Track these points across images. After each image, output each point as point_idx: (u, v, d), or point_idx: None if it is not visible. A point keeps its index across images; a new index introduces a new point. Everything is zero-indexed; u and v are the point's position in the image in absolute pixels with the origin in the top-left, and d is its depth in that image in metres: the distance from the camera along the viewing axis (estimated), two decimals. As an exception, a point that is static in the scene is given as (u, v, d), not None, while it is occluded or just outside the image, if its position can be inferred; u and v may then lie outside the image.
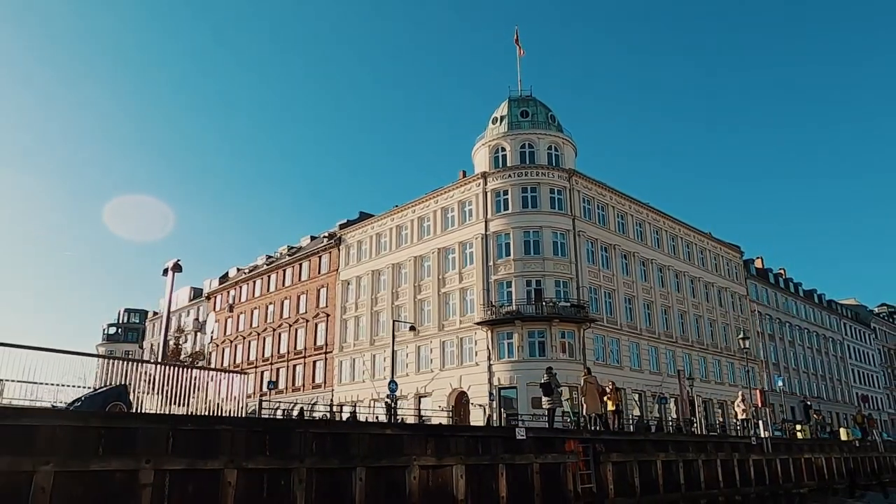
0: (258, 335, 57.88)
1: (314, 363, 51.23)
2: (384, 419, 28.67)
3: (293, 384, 52.01)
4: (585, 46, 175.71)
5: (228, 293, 64.83)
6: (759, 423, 27.34)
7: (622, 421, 23.61)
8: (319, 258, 53.98)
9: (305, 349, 52.15)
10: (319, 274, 53.39)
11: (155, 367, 14.00)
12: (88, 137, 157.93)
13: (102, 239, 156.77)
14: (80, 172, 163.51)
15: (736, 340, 49.00)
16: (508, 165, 41.77)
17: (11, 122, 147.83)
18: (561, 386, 22.43)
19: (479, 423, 34.61)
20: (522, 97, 44.92)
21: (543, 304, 37.58)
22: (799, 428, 34.48)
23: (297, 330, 53.72)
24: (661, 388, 41.16)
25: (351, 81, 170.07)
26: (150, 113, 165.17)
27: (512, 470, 14.90)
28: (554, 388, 19.30)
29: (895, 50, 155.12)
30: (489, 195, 41.36)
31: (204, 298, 69.43)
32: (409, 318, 42.45)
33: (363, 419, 32.59)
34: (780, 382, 50.48)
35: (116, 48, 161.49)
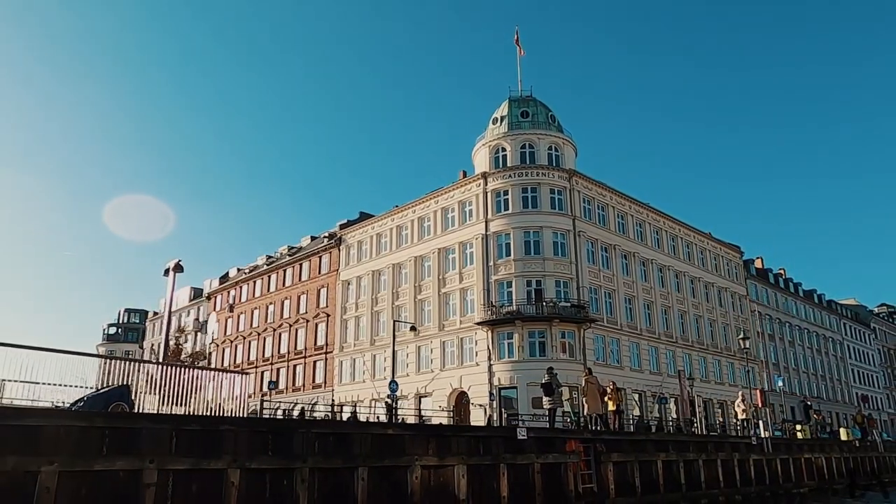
0: (258, 335, 57.92)
1: (314, 363, 51.27)
2: (385, 419, 28.70)
3: (293, 384, 52.06)
4: (585, 46, 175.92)
5: (229, 293, 64.86)
6: (759, 423, 27.40)
7: (622, 421, 23.62)
8: (320, 258, 54.03)
9: (306, 349, 52.19)
10: (320, 274, 53.43)
11: (156, 367, 14.04)
12: (88, 137, 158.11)
13: (102, 239, 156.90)
14: (80, 172, 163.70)
15: (736, 340, 49.06)
16: (509, 165, 41.81)
17: (11, 122, 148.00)
18: (562, 386, 22.48)
19: (479, 423, 34.62)
20: (523, 97, 44.96)
21: (544, 304, 37.63)
22: (799, 428, 34.50)
23: (297, 330, 53.75)
24: (661, 388, 41.21)
25: (351, 81, 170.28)
26: (150, 113, 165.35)
27: (513, 470, 14.94)
28: (555, 388, 19.35)
29: (895, 50, 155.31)
30: (489, 195, 41.40)
31: (204, 298, 69.46)
32: (409, 318, 42.49)
33: (364, 419, 32.64)
34: (780, 382, 50.52)
35: (116, 48, 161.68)
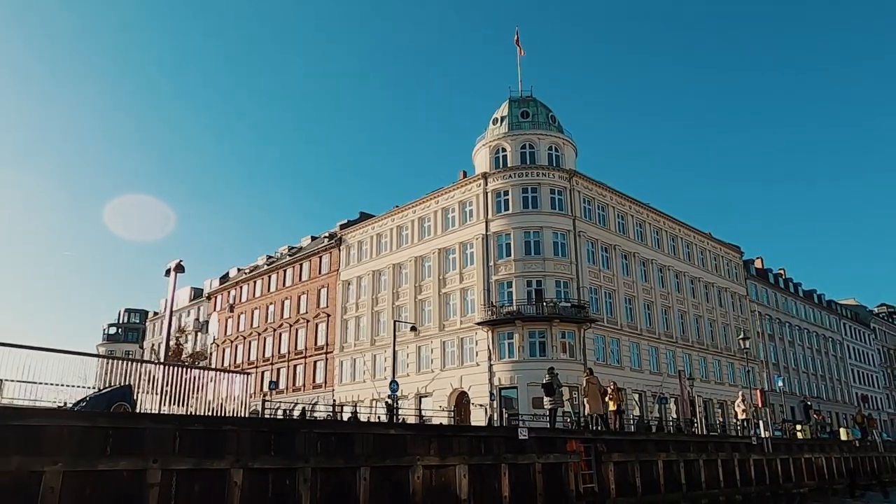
0: (259, 335, 57.94)
1: (315, 363, 51.29)
2: (385, 419, 28.73)
3: (294, 384, 52.08)
4: (586, 47, 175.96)
5: (229, 293, 64.88)
6: (759, 423, 27.45)
7: (623, 421, 23.65)
8: (320, 258, 54.05)
9: (306, 349, 52.21)
10: (320, 274, 53.46)
11: (157, 367, 14.06)
12: (88, 137, 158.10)
13: (102, 239, 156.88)
14: (80, 172, 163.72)
15: (736, 340, 49.11)
16: (509, 166, 41.83)
17: (11, 122, 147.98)
18: (562, 386, 22.51)
19: (479, 423, 34.66)
20: (523, 98, 44.98)
21: (544, 304, 37.66)
22: (799, 428, 34.53)
23: (297, 330, 53.77)
24: (661, 388, 41.24)
25: (351, 81, 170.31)
26: (150, 113, 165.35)
27: (514, 470, 14.98)
28: (556, 388, 19.38)
29: (895, 50, 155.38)
30: (490, 195, 41.43)
31: (204, 298, 69.49)
32: (409, 318, 42.52)
33: (364, 419, 32.68)
34: (780, 382, 50.58)
35: (116, 48, 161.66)
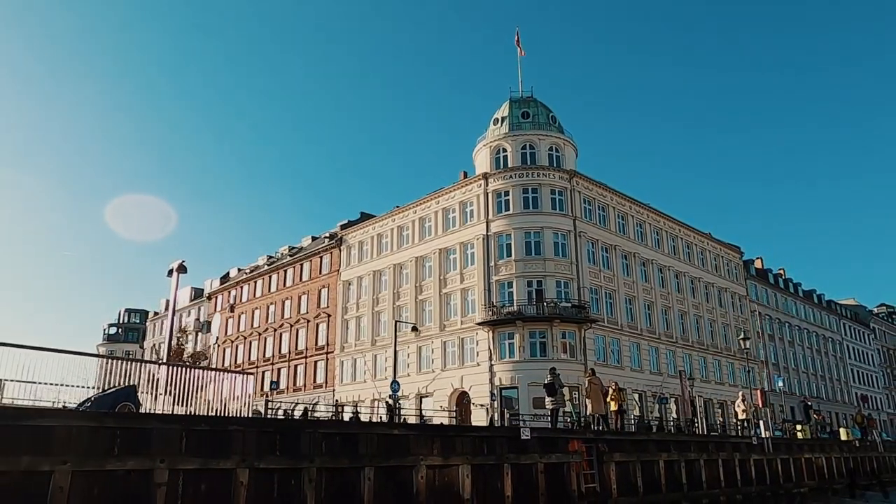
0: (259, 335, 57.99)
1: (315, 363, 51.35)
2: (386, 419, 28.80)
3: (294, 384, 52.13)
4: (586, 47, 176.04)
5: (229, 293, 64.92)
6: (759, 422, 27.53)
7: (624, 421, 23.72)
8: (320, 258, 54.10)
9: (307, 349, 52.27)
10: (320, 274, 53.51)
11: (158, 367, 14.10)
12: (88, 137, 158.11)
13: (103, 239, 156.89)
14: (80, 172, 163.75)
15: (736, 341, 49.19)
16: (509, 166, 41.89)
17: (11, 122, 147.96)
18: (564, 386, 22.58)
19: (480, 423, 34.72)
20: (523, 98, 45.03)
21: (544, 304, 37.73)
22: (799, 428, 34.62)
23: (298, 330, 53.83)
24: (661, 388, 41.31)
25: (351, 82, 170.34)
26: (150, 113, 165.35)
27: (517, 470, 15.05)
28: (557, 388, 19.46)
29: (895, 50, 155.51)
30: (490, 196, 41.49)
31: (205, 298, 69.54)
32: (410, 318, 42.58)
33: (366, 419, 32.73)
34: (780, 382, 50.66)
35: (116, 48, 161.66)
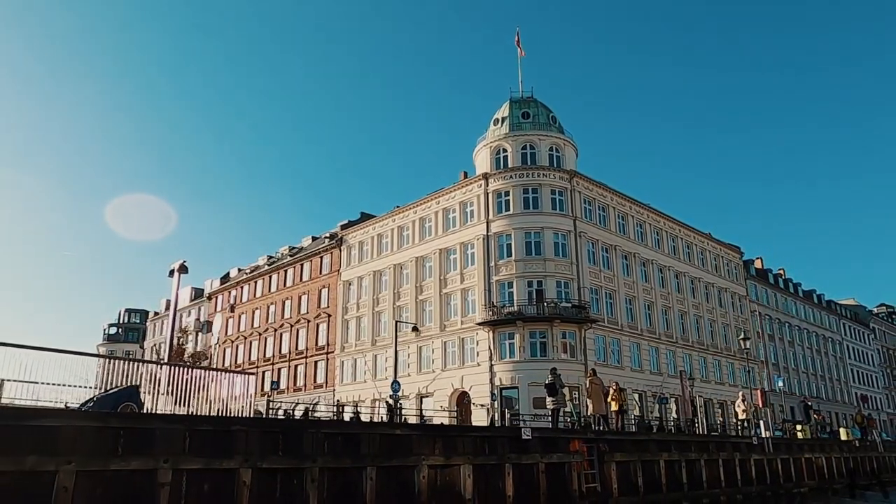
0: (259, 335, 58.02)
1: (316, 363, 51.39)
2: (386, 419, 28.83)
3: (295, 384, 52.17)
4: (586, 47, 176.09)
5: (230, 293, 64.95)
6: (759, 422, 27.58)
7: (625, 421, 23.75)
8: (321, 258, 54.13)
9: (307, 349, 52.31)
10: (321, 274, 53.55)
11: (159, 367, 14.10)
12: (88, 137, 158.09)
13: (103, 239, 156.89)
14: (80, 172, 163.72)
15: (736, 341, 49.25)
16: (510, 166, 41.92)
17: (11, 122, 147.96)
18: (564, 386, 22.63)
19: (480, 423, 34.75)
20: (524, 98, 45.06)
21: (545, 304, 37.76)
22: (799, 428, 34.67)
23: (298, 330, 53.86)
24: (661, 388, 41.35)
25: (351, 82, 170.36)
26: (150, 113, 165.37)
27: (518, 469, 15.09)
28: (558, 388, 19.50)
29: (895, 50, 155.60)
30: (490, 196, 41.52)
31: (205, 299, 69.56)
32: (410, 318, 42.60)
33: (366, 419, 32.78)
34: (780, 382, 50.69)
35: (116, 48, 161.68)
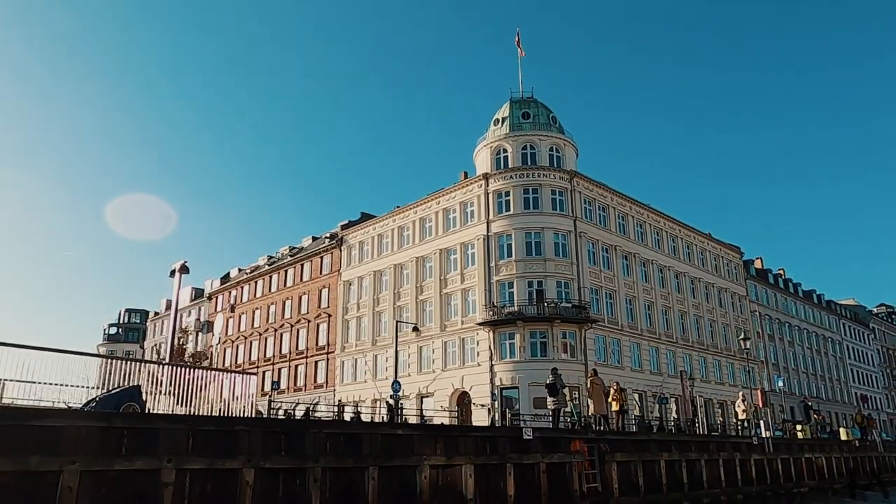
0: (259, 335, 58.04)
1: (316, 363, 51.42)
2: (387, 419, 28.85)
3: (295, 384, 52.21)
4: (586, 47, 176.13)
5: (230, 293, 64.98)
6: (759, 422, 27.62)
7: (626, 421, 23.79)
8: (321, 259, 54.16)
9: (307, 349, 52.34)
10: (321, 274, 53.58)
11: (160, 367, 14.12)
12: (88, 137, 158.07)
13: (103, 238, 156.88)
14: (80, 172, 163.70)
15: (736, 340, 49.30)
16: (510, 167, 41.96)
17: (11, 122, 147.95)
18: (565, 386, 22.67)
19: (480, 423, 34.78)
20: (524, 98, 45.09)
21: (545, 304, 37.79)
22: (799, 428, 34.73)
23: (298, 330, 53.89)
24: (661, 388, 41.39)
25: (351, 82, 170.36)
26: (150, 113, 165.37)
27: (519, 469, 15.13)
28: (559, 388, 19.53)
29: (895, 50, 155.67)
30: (491, 196, 41.55)
31: (205, 299, 69.58)
32: (411, 318, 42.63)
33: (367, 419, 32.81)
34: (780, 382, 50.73)
35: (116, 48, 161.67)
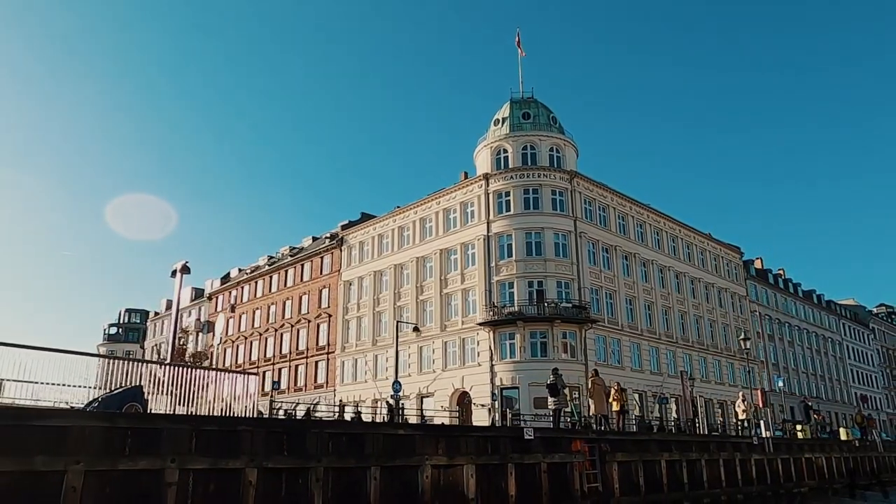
0: (260, 335, 58.07)
1: (316, 363, 51.45)
2: (387, 419, 28.88)
3: (295, 384, 52.24)
4: (586, 48, 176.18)
5: (230, 293, 65.00)
6: (760, 422, 27.66)
7: (626, 421, 23.81)
8: (321, 259, 54.19)
9: (307, 349, 52.37)
10: (321, 274, 53.61)
11: (161, 367, 14.15)
12: (88, 137, 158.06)
13: (103, 239, 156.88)
14: (80, 172, 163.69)
15: (736, 341, 49.34)
16: (510, 167, 41.99)
17: (11, 122, 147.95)
18: (566, 386, 22.71)
19: (481, 423, 34.81)
20: (524, 99, 45.12)
21: (545, 304, 37.82)
22: (799, 428, 34.77)
23: (299, 330, 53.92)
24: (661, 388, 41.43)
25: (351, 82, 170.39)
26: (150, 113, 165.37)
27: (520, 469, 15.17)
28: (560, 388, 19.57)
29: (895, 50, 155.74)
30: (491, 196, 41.59)
31: (206, 299, 69.60)
32: (411, 318, 42.66)
33: (367, 419, 32.83)
34: (780, 383, 50.77)
35: (116, 48, 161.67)
